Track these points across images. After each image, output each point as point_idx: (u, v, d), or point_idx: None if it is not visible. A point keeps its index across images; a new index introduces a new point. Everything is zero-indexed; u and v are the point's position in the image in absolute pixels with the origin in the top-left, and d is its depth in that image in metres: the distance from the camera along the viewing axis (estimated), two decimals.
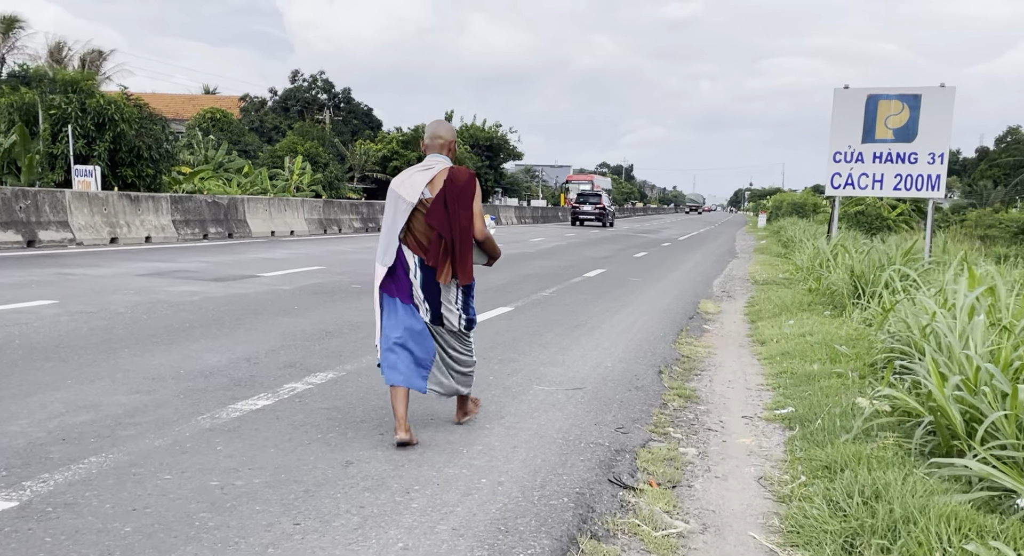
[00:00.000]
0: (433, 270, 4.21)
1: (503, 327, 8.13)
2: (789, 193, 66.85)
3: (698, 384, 6.46)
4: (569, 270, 15.03)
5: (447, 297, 4.29)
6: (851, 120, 18.56)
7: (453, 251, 4.20)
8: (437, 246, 4.18)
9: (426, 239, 4.20)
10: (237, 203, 17.99)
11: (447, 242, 4.18)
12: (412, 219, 4.21)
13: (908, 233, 34.84)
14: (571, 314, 9.39)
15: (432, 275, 4.22)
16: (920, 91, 18.31)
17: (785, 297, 11.77)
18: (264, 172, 42.73)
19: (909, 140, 18.44)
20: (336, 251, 16.22)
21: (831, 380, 6.14)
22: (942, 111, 18.09)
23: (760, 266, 18.49)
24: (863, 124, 18.59)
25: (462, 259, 4.22)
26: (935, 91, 18.18)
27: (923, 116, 18.14)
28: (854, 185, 18.68)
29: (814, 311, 10.28)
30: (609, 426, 4.84)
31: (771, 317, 10.14)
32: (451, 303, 4.31)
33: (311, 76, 62.37)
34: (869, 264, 10.59)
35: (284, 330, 7.12)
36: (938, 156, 18.20)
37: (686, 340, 8.41)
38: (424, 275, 4.23)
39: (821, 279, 12.70)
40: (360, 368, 5.83)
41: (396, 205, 4.25)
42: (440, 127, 4.41)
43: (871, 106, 18.60)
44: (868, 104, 18.60)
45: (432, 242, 4.18)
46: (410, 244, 4.23)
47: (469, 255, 4.27)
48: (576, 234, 31.53)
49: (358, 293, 9.89)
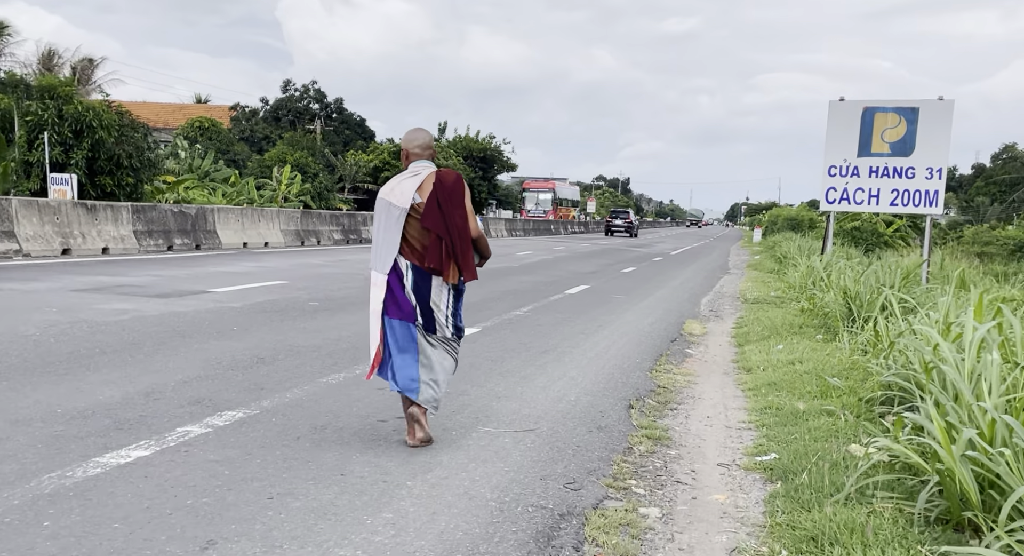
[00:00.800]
0: (426, 273, 4.30)
1: (463, 351, 7.38)
2: (785, 208, 66.32)
3: (672, 421, 5.73)
4: (550, 286, 14.31)
5: (437, 300, 4.37)
6: (847, 133, 17.94)
7: (454, 250, 4.30)
8: (438, 248, 4.27)
9: (420, 244, 4.29)
10: (206, 213, 17.21)
11: (447, 243, 4.28)
12: (406, 225, 4.30)
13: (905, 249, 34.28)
14: (542, 337, 8.67)
15: (424, 278, 4.31)
16: (918, 104, 17.71)
17: (776, 318, 11.06)
18: (251, 182, 42.05)
19: (906, 154, 17.84)
20: (306, 264, 15.49)
21: (821, 420, 5.41)
22: (940, 125, 17.49)
23: (752, 283, 17.79)
24: (859, 137, 17.99)
25: (464, 257, 4.34)
26: (933, 104, 17.58)
27: (921, 130, 17.55)
28: (850, 200, 18.05)
29: (805, 334, 9.57)
30: (558, 480, 4.10)
31: (759, 340, 9.43)
32: (440, 307, 4.38)
33: (303, 85, 61.83)
34: (864, 285, 9.88)
35: (210, 356, 6.36)
36: (936, 171, 17.59)
37: (665, 367, 7.68)
38: (416, 278, 4.32)
39: (814, 299, 11.99)
40: (279, 405, 5.08)
41: (388, 212, 4.32)
42: (418, 135, 4.48)
43: (867, 119, 17.99)
44: (864, 117, 17.99)
45: (431, 245, 4.27)
46: (403, 250, 4.32)
47: (470, 252, 4.39)
48: (565, 247, 30.83)
49: (312, 312, 9.16)
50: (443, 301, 4.38)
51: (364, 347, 7.25)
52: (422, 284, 4.32)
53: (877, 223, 35.64)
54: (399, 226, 4.29)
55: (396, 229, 4.30)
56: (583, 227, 65.23)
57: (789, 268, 19.86)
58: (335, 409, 5.00)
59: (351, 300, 10.36)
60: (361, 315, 9.14)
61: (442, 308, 4.38)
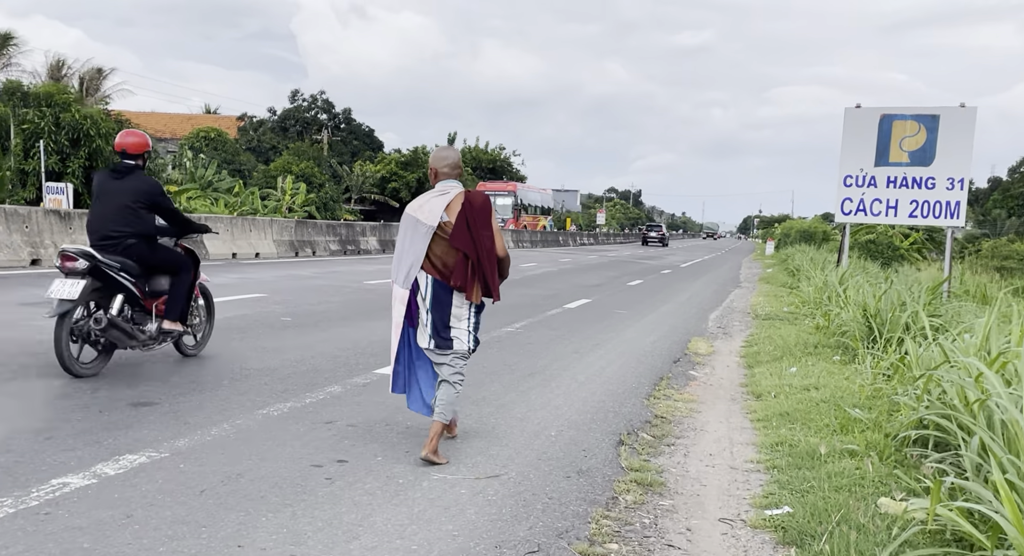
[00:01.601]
0: (448, 288, 4.34)
1: None
2: (798, 220, 65.31)
3: (668, 460, 4.93)
4: (549, 300, 13.53)
5: (458, 316, 4.40)
6: (863, 141, 17.12)
7: (482, 270, 4.36)
8: (464, 268, 4.32)
9: (442, 263, 4.35)
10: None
11: (474, 262, 4.34)
12: (431, 242, 4.35)
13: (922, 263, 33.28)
14: (531, 357, 7.88)
15: (446, 293, 4.35)
16: (938, 111, 16.87)
17: (789, 336, 10.25)
18: (255, 192, 41.50)
19: (926, 164, 17.00)
20: (294, 276, 14.75)
21: (843, 462, 4.61)
22: (962, 133, 16.64)
23: (764, 298, 16.94)
24: (876, 146, 17.16)
25: (491, 276, 4.40)
26: (955, 111, 16.74)
27: (941, 138, 16.71)
28: (866, 211, 17.21)
29: (821, 355, 8.74)
30: (517, 549, 3.31)
31: (771, 362, 8.61)
32: (461, 321, 4.40)
33: (311, 96, 61.41)
34: (886, 302, 9.05)
35: (139, 382, 5.60)
36: (957, 181, 16.72)
37: (665, 392, 6.88)
38: (435, 294, 4.36)
39: (830, 316, 11.16)
40: (197, 445, 4.27)
41: (415, 229, 4.38)
42: (447, 154, 4.53)
43: (885, 127, 17.16)
44: (882, 124, 17.16)
45: (458, 264, 4.32)
46: (425, 266, 4.37)
47: (496, 273, 4.46)
48: (572, 259, 30.04)
49: (281, 328, 8.41)
50: (464, 315, 4.42)
51: (326, 369, 6.49)
52: (443, 298, 4.37)
53: (893, 236, 34.68)
54: (425, 243, 4.35)
55: (422, 246, 4.36)
56: (592, 239, 64.42)
57: (802, 282, 19.01)
58: (263, 450, 4.22)
59: (329, 315, 9.61)
60: (335, 332, 8.40)
61: (463, 321, 4.41)
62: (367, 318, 9.51)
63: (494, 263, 4.44)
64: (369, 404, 5.42)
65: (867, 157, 17.01)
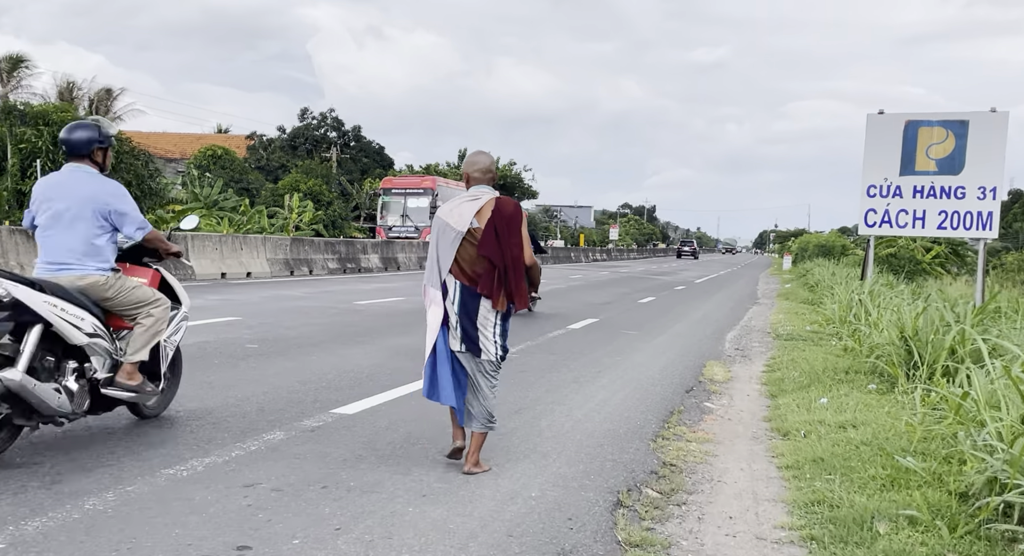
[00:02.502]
0: (475, 293, 4.32)
1: (407, 413, 5.65)
2: (815, 234, 64.05)
3: (678, 528, 3.93)
4: (553, 320, 12.54)
5: (484, 323, 4.36)
6: (887, 149, 16.08)
7: (507, 278, 4.34)
8: (490, 275, 4.30)
9: (471, 268, 4.33)
10: (175, 240, 15.62)
11: (500, 270, 4.31)
12: (460, 247, 4.33)
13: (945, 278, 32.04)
14: (522, 388, 6.90)
15: (473, 298, 4.33)
16: (967, 116, 15.83)
17: (815, 359, 9.22)
18: (262, 210, 40.89)
19: (955, 172, 15.93)
20: (281, 296, 13.84)
21: (902, 535, 3.60)
22: (993, 139, 15.58)
23: (784, 315, 15.88)
24: (901, 154, 16.11)
25: (517, 285, 4.37)
26: (985, 117, 15.68)
27: (971, 145, 15.65)
28: (891, 223, 16.15)
29: (854, 383, 7.72)
30: None
31: (797, 390, 7.59)
32: (488, 328, 4.37)
33: (320, 114, 60.91)
34: (927, 321, 8.00)
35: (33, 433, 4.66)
36: (989, 191, 15.66)
37: (676, 430, 5.89)
38: (463, 300, 4.34)
39: (859, 336, 10.12)
40: (43, 531, 3.29)
41: (444, 233, 4.38)
42: (480, 158, 4.49)
43: (910, 134, 16.11)
44: (907, 131, 16.12)
45: (485, 271, 4.31)
46: (453, 271, 4.36)
47: (523, 281, 4.41)
48: (582, 276, 29.06)
49: (241, 357, 7.47)
50: (491, 322, 4.38)
51: (273, 409, 5.53)
52: (470, 304, 4.34)
53: (915, 249, 33.47)
54: (454, 248, 4.34)
55: (451, 250, 4.35)
56: (606, 254, 63.40)
57: (825, 298, 17.93)
58: (141, 532, 3.21)
59: (302, 341, 8.66)
60: (302, 360, 7.45)
61: (489, 328, 4.38)
62: (344, 344, 8.58)
63: (521, 272, 4.39)
64: (311, 457, 4.45)
65: (892, 166, 15.98)
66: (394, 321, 11.05)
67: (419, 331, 10.37)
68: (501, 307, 4.37)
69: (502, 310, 4.39)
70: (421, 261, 28.29)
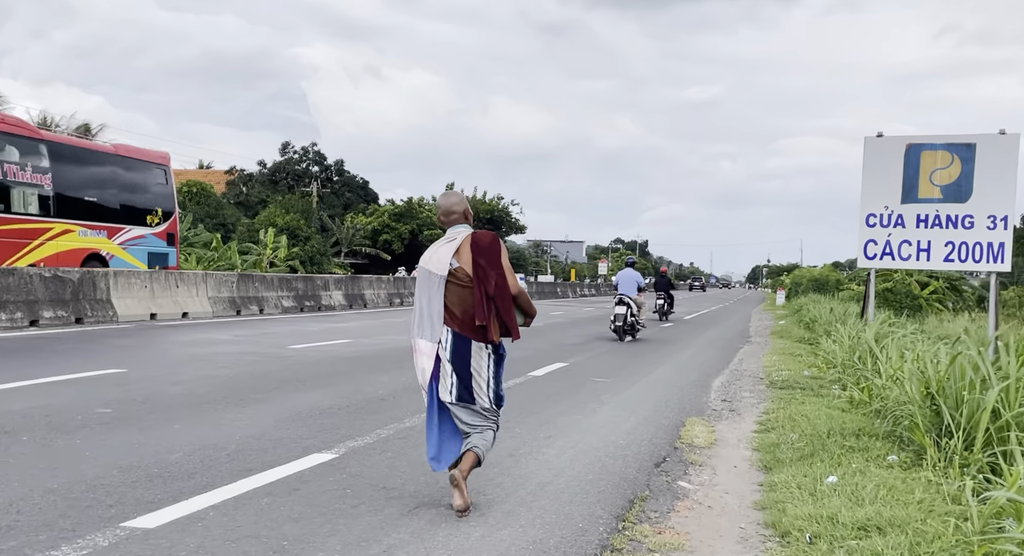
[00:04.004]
0: (465, 339, 4.29)
1: (238, 526, 3.99)
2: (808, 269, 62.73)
3: None
4: (514, 366, 10.85)
5: (478, 366, 4.32)
6: (887, 175, 14.61)
7: (497, 309, 4.30)
8: (482, 305, 4.26)
9: (460, 310, 4.31)
10: (96, 278, 13.76)
11: (487, 300, 4.28)
12: (445, 291, 4.32)
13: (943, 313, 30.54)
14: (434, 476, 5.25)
15: (464, 344, 4.29)
16: (974, 139, 14.40)
17: (816, 415, 7.65)
18: (233, 246, 39.33)
19: (962, 200, 14.47)
20: (201, 340, 12.09)
21: None
22: (1002, 164, 14.13)
23: (779, 357, 14.27)
24: (903, 180, 14.66)
25: (507, 314, 4.34)
26: (993, 139, 14.26)
27: (979, 170, 14.21)
28: (893, 254, 14.63)
29: (869, 452, 6.13)
30: None
31: (797, 461, 6.00)
32: (480, 373, 4.31)
33: (302, 148, 59.73)
34: (955, 374, 6.39)
35: None
36: (1000, 220, 14.18)
37: (634, 533, 4.28)
38: (455, 345, 4.30)
39: (868, 387, 8.53)
40: None
41: (429, 280, 4.36)
42: (452, 198, 4.52)
43: (912, 158, 14.67)
44: (908, 156, 14.68)
45: (476, 304, 4.27)
46: (444, 319, 4.32)
47: (512, 310, 4.38)
48: (564, 313, 27.45)
49: (70, 430, 5.75)
50: (483, 366, 4.32)
51: (43, 522, 3.82)
52: (462, 350, 4.29)
53: (910, 284, 32.04)
54: (441, 294, 4.31)
55: (439, 297, 4.32)
56: (595, 289, 61.87)
57: (822, 336, 16.38)
58: None
59: (182, 400, 6.98)
60: (155, 432, 5.66)
61: (483, 374, 4.32)
62: (234, 404, 6.93)
63: (509, 301, 4.36)
64: None
65: (892, 193, 14.53)
66: (320, 371, 9.40)
67: (344, 383, 8.53)
68: (495, 338, 4.32)
69: (496, 342, 4.34)
70: (391, 297, 26.62)
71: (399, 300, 27.00)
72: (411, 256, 54.33)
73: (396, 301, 26.66)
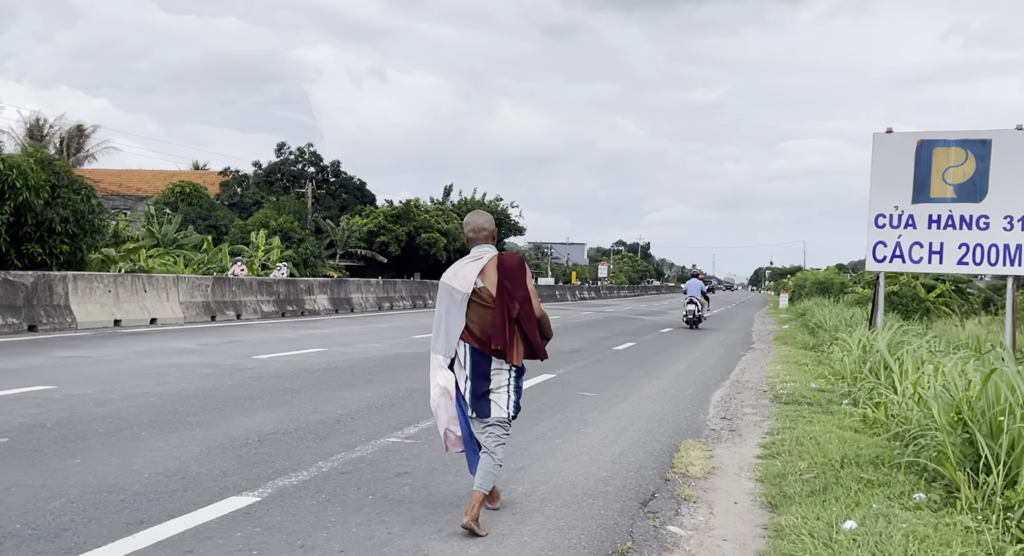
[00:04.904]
0: (486, 355, 4.30)
1: None
2: (812, 271, 61.77)
3: None
4: None
5: (497, 382, 4.34)
6: (897, 173, 13.77)
7: (522, 330, 4.33)
8: (502, 330, 4.26)
9: (479, 328, 4.32)
10: (52, 283, 12.88)
11: (511, 323, 4.29)
12: (468, 309, 4.34)
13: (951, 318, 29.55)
14: (391, 504, 4.40)
15: (484, 359, 4.31)
16: (989, 135, 13.57)
17: (827, 438, 6.81)
18: (224, 248, 38.44)
19: (976, 199, 13.64)
20: (158, 350, 11.19)
21: None
22: (1020, 161, 13.31)
23: (783, 366, 13.40)
24: (914, 178, 13.82)
25: (533, 336, 4.37)
26: (1010, 135, 13.44)
27: (995, 168, 13.39)
28: (903, 257, 13.80)
29: (890, 487, 5.28)
30: None
31: (807, 497, 5.16)
32: (501, 387, 4.34)
33: (298, 148, 58.74)
34: (991, 399, 5.52)
35: None
36: (1017, 220, 13.38)
37: None
38: (474, 362, 4.32)
39: (884, 406, 7.66)
40: None
41: (451, 296, 4.38)
42: (480, 218, 4.53)
43: (923, 155, 13.83)
44: (920, 153, 13.84)
45: (496, 327, 4.27)
46: (463, 335, 4.34)
47: (537, 332, 4.40)
48: (560, 317, 26.61)
49: None
50: (503, 379, 4.35)
51: None
52: (482, 366, 4.31)
53: (916, 287, 31.12)
54: (462, 310, 4.34)
55: (459, 313, 4.34)
56: (594, 293, 60.97)
57: (828, 343, 15.51)
58: None
59: (97, 425, 6.09)
60: (59, 465, 4.81)
61: (503, 387, 4.34)
62: (161, 428, 6.07)
63: (534, 323, 4.38)
64: None
65: (903, 192, 13.69)
66: (279, 386, 8.53)
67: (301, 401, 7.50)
68: (517, 361, 4.36)
69: (517, 365, 4.38)
70: (380, 301, 25.75)
71: (388, 304, 26.12)
72: (408, 259, 53.45)
73: (386, 305, 25.79)
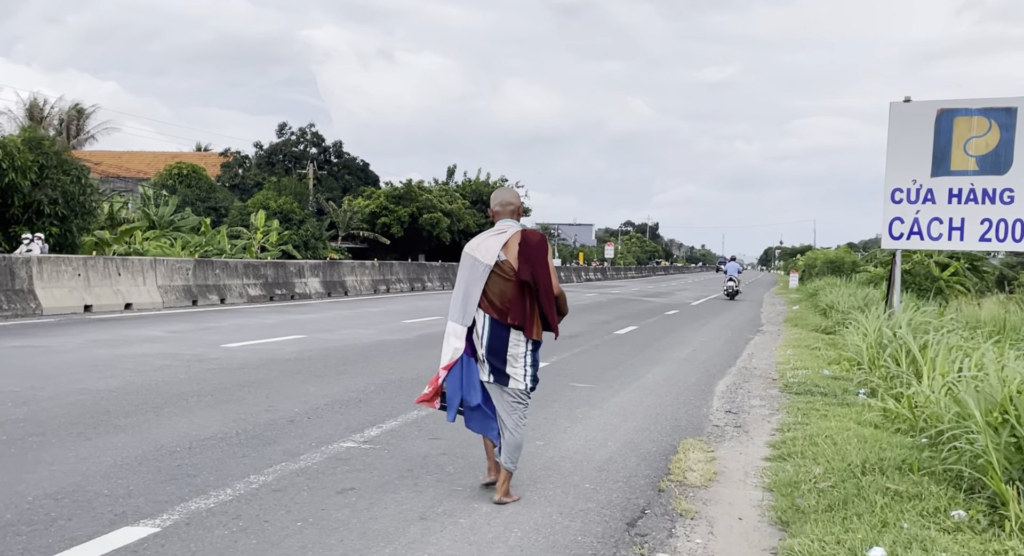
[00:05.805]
0: (504, 325, 4.34)
1: None
2: (822, 250, 60.69)
3: None
4: None
5: (515, 352, 4.38)
6: (916, 145, 12.89)
7: (540, 306, 4.38)
8: (521, 304, 4.34)
9: (500, 301, 4.37)
10: (14, 266, 12.03)
11: (532, 298, 4.37)
12: (488, 280, 4.39)
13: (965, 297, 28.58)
14: (321, 534, 3.63)
15: (503, 330, 4.35)
16: (1015, 103, 12.71)
17: (845, 437, 6.03)
18: (222, 230, 37.70)
19: (1000, 172, 12.80)
20: (119, 339, 10.44)
21: None
22: None
23: (793, 350, 12.57)
24: (933, 150, 12.94)
25: (550, 312, 4.42)
26: None
27: (1020, 138, 12.56)
28: (922, 234, 12.95)
29: (922, 499, 4.49)
30: None
31: (823, 513, 4.38)
32: (518, 359, 4.39)
33: (300, 129, 57.88)
34: None
35: None
36: None
37: None
38: (492, 332, 4.36)
39: (908, 399, 6.83)
40: None
41: (473, 267, 4.45)
42: (507, 194, 4.62)
43: (944, 125, 12.95)
44: (940, 122, 12.95)
45: (514, 301, 4.34)
46: (482, 304, 4.40)
47: (554, 308, 4.47)
48: None
49: None
50: (520, 352, 4.39)
51: None
52: (500, 336, 4.35)
53: (929, 265, 30.16)
54: (483, 281, 4.39)
55: (479, 284, 4.39)
56: (600, 274, 60.10)
57: (841, 325, 14.68)
58: None
59: (3, 430, 5.37)
60: None
61: (519, 359, 4.39)
62: (79, 433, 5.31)
63: (552, 298, 4.42)
64: None
65: (922, 165, 12.81)
66: (237, 379, 7.75)
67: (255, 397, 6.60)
68: (537, 335, 4.40)
69: (536, 338, 4.40)
70: (376, 284, 24.95)
71: (384, 287, 25.33)
72: (411, 240, 52.64)
73: (381, 288, 25.00)
